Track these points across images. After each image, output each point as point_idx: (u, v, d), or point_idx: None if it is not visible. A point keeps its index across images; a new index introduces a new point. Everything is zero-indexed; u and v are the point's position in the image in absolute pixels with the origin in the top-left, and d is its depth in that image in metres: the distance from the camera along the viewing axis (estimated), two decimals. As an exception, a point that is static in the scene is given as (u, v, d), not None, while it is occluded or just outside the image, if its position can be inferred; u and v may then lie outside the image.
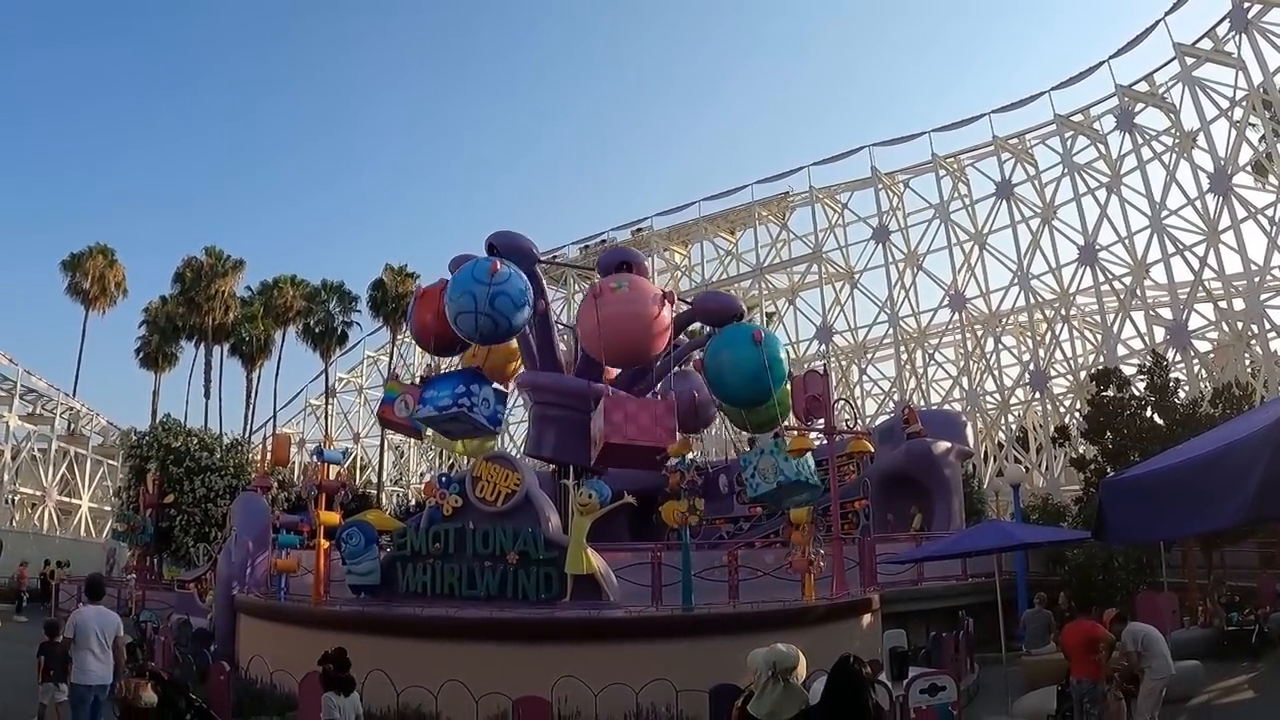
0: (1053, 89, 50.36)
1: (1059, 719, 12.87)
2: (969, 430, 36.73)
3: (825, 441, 20.48)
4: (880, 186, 58.99)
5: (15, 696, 14.77)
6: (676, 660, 13.29)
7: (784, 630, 13.46)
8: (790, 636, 5.38)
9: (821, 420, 19.76)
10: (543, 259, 22.76)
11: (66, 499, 63.49)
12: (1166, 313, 44.98)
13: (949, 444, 30.33)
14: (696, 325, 24.70)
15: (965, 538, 19.14)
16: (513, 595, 16.72)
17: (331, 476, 19.79)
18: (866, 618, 16.96)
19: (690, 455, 18.61)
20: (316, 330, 67.16)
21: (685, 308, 23.07)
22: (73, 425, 66.24)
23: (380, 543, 18.33)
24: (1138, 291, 46.98)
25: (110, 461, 64.64)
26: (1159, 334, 44.35)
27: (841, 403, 29.11)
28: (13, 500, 59.52)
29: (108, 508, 59.67)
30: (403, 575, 17.66)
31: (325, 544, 18.32)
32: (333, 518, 18.59)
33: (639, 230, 68.80)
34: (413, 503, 58.66)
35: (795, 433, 18.42)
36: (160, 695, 13.21)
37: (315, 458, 21.98)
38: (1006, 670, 15.97)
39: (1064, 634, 12.96)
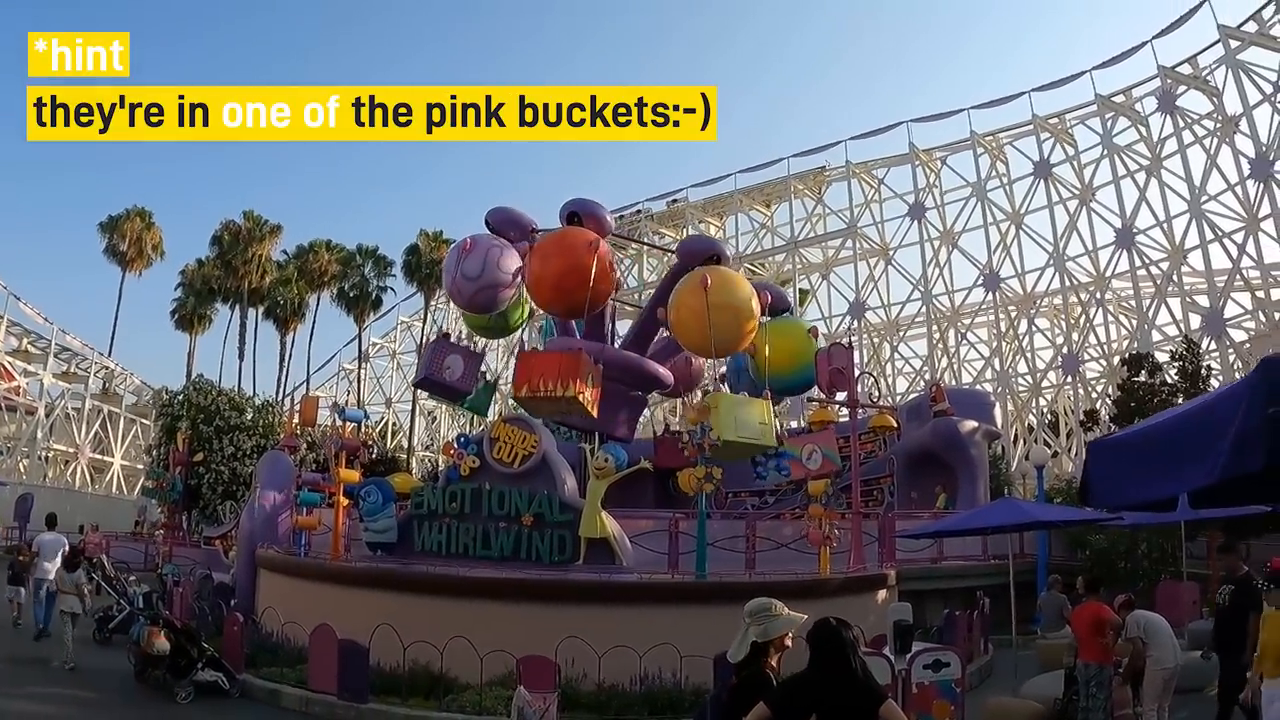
0: (1094, 69, 49.88)
1: (1065, 701, 12.77)
2: (997, 411, 36.49)
3: (848, 415, 20.40)
4: (917, 163, 58.58)
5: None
6: (685, 627, 13.24)
7: (797, 601, 13.31)
8: (804, 608, 5.32)
9: (845, 394, 19.64)
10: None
11: (99, 456, 64.41)
12: (1203, 299, 44.42)
13: (976, 424, 30.07)
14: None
15: (979, 514, 18.96)
16: (526, 557, 16.77)
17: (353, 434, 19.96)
18: (882, 593, 16.92)
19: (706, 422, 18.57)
20: (351, 295, 67.24)
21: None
22: (107, 384, 67.12)
23: (400, 502, 18.47)
24: (1174, 277, 46.35)
25: (143, 420, 65.36)
26: (1194, 321, 43.78)
27: (869, 378, 28.89)
28: (46, 457, 60.54)
29: (140, 465, 60.48)
30: (419, 534, 17.74)
31: (345, 502, 18.47)
32: (352, 475, 18.71)
33: (674, 201, 68.61)
34: (441, 467, 58.91)
35: (817, 405, 18.34)
36: (173, 643, 13.49)
37: (337, 416, 22.15)
38: (1017, 653, 15.92)
39: (1073, 616, 12.82)
